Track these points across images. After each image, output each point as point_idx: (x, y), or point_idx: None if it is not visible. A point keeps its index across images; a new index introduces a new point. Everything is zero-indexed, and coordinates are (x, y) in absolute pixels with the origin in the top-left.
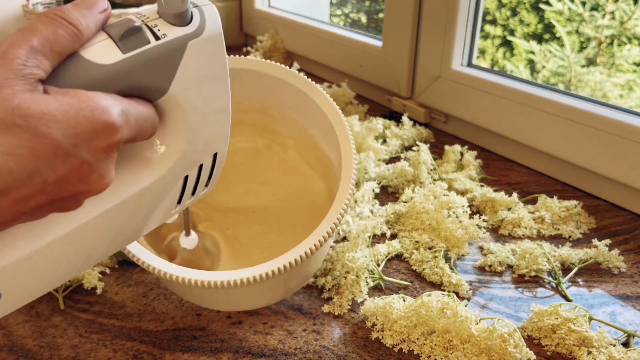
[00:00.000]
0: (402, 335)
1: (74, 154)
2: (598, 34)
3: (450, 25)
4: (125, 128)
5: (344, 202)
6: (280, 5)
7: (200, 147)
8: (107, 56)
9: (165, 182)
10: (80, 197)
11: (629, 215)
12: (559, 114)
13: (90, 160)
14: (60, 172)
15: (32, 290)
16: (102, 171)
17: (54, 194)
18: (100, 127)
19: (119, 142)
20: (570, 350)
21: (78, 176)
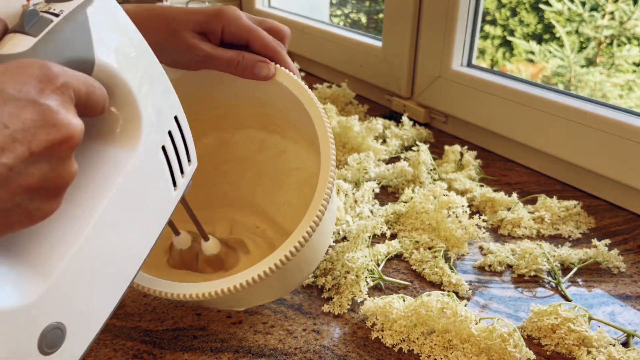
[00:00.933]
0: (402, 335)
1: (24, 98)
2: (598, 34)
3: (450, 25)
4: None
5: (321, 199)
6: (280, 5)
7: (156, 111)
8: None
9: (146, 155)
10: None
11: (629, 215)
12: (559, 114)
13: (47, 103)
14: (21, 116)
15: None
16: (65, 114)
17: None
18: (38, 73)
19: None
20: (569, 350)
21: (42, 120)
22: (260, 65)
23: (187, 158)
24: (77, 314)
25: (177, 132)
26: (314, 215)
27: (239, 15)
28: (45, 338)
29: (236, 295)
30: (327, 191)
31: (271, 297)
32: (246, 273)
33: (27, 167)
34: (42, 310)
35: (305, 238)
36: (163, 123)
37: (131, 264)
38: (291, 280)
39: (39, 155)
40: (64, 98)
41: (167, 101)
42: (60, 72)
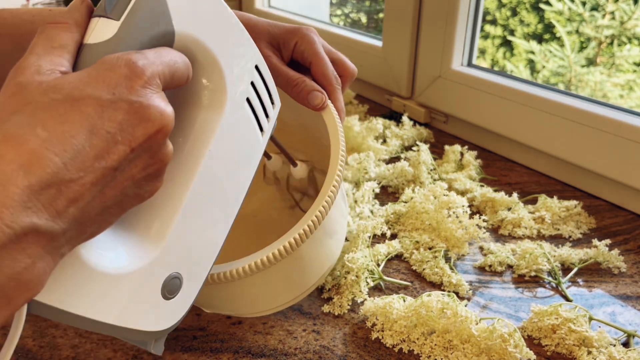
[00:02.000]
0: (402, 335)
1: (117, 99)
2: (598, 34)
3: (450, 25)
4: (150, 65)
5: (327, 193)
6: (280, 5)
7: (238, 66)
8: (107, 31)
9: (233, 112)
10: (156, 137)
11: (629, 215)
12: (559, 114)
13: (137, 99)
14: (118, 119)
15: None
16: (156, 105)
17: (128, 141)
18: (125, 71)
19: (151, 77)
20: (570, 350)
21: (137, 117)
22: (315, 94)
23: (271, 101)
24: (190, 263)
25: (260, 81)
26: (319, 206)
27: (313, 39)
28: (166, 286)
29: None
30: (334, 183)
31: (272, 302)
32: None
33: (130, 163)
34: (157, 269)
35: (306, 231)
36: (245, 76)
37: (231, 208)
38: (294, 280)
39: (138, 149)
40: (152, 89)
41: (247, 53)
42: (145, 64)
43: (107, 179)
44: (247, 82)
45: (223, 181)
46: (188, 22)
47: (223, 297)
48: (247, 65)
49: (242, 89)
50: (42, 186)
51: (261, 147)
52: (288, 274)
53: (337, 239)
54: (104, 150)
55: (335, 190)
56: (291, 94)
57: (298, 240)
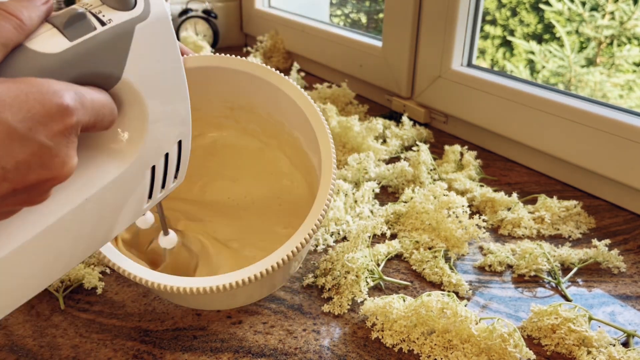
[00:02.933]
0: (402, 335)
1: (30, 138)
2: (598, 34)
3: (450, 25)
4: (80, 111)
5: (322, 206)
6: (280, 5)
7: (163, 135)
8: (54, 45)
9: (132, 174)
10: (45, 185)
11: (629, 215)
12: (559, 114)
13: (50, 145)
14: (19, 158)
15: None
16: (64, 155)
17: (16, 182)
18: (54, 110)
19: (75, 126)
20: (570, 350)
21: (39, 162)
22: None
23: (175, 175)
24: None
25: (175, 156)
26: (314, 219)
27: None
28: None
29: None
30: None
31: (255, 297)
32: (253, 268)
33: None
34: None
35: (303, 243)
36: (163, 147)
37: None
38: (279, 280)
39: (21, 190)
40: (69, 138)
41: (178, 126)
42: (76, 109)
43: None
44: (162, 152)
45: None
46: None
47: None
48: (172, 136)
49: (154, 156)
50: None
51: (139, 214)
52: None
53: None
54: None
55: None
56: None
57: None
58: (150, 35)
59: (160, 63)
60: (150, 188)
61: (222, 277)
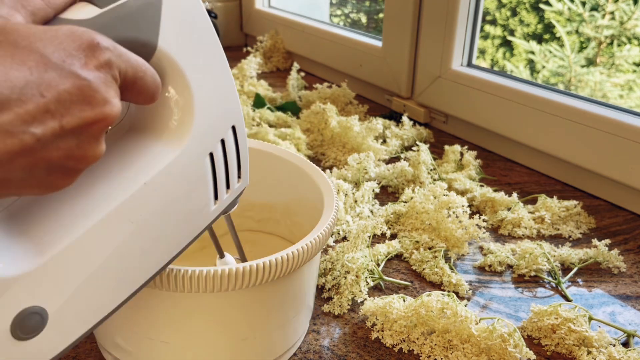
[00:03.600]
0: (402, 335)
1: (66, 69)
2: (598, 34)
3: (450, 25)
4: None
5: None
6: (280, 5)
7: (213, 115)
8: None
9: (189, 158)
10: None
11: (629, 215)
12: (559, 114)
13: (87, 78)
14: (59, 88)
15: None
16: (104, 92)
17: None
18: (86, 45)
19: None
20: (570, 350)
21: (79, 95)
22: None
23: (238, 174)
24: (64, 304)
25: (232, 143)
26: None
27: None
28: (20, 320)
29: None
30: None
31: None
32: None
33: (54, 141)
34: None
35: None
36: (217, 129)
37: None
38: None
39: (69, 131)
40: (106, 76)
41: (226, 108)
42: (108, 47)
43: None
44: (218, 137)
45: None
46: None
47: None
48: (224, 119)
49: (209, 140)
50: None
51: (209, 217)
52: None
53: None
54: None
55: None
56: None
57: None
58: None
59: (195, 32)
60: (214, 184)
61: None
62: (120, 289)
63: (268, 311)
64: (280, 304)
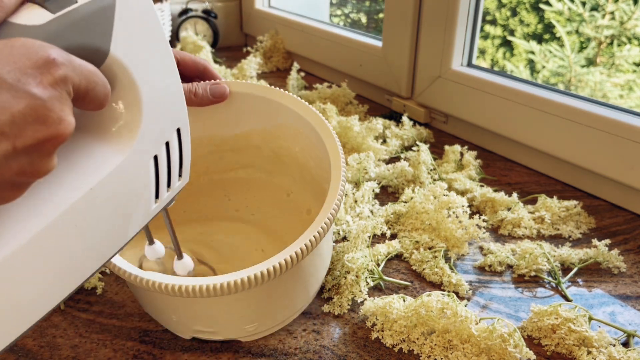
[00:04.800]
0: (402, 335)
1: (20, 89)
2: (598, 34)
3: (450, 25)
4: (68, 67)
5: (326, 217)
6: (280, 5)
7: (160, 119)
8: (37, 18)
9: (135, 161)
10: (46, 145)
11: (629, 215)
12: (559, 114)
13: (42, 97)
14: (13, 109)
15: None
16: (58, 111)
17: (14, 137)
18: (41, 62)
19: (64, 79)
20: (570, 350)
21: (34, 115)
22: (214, 87)
23: (179, 173)
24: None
25: (176, 145)
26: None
27: None
28: None
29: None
30: (333, 208)
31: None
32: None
33: (6, 161)
34: None
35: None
36: (163, 133)
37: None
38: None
39: (22, 150)
40: (61, 93)
41: (173, 112)
42: (64, 62)
43: None
44: (163, 139)
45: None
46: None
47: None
48: (170, 122)
49: (154, 143)
50: None
51: (149, 215)
52: (285, 290)
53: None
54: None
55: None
56: (195, 103)
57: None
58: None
59: (147, 39)
60: (156, 185)
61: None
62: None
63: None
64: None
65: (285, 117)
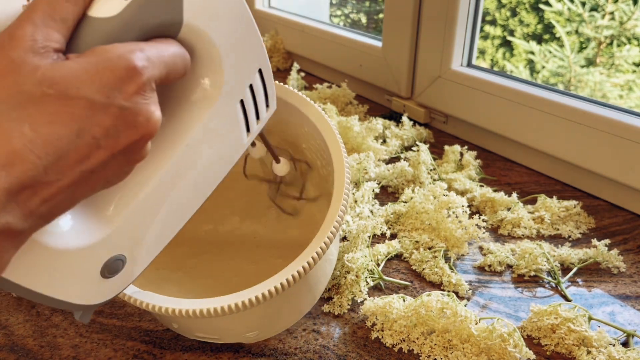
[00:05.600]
0: (402, 335)
1: (110, 104)
2: (598, 34)
3: (450, 25)
4: (149, 68)
5: (330, 228)
6: (280, 5)
7: (241, 68)
8: (112, 8)
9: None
10: (138, 143)
11: (629, 215)
12: (559, 114)
13: (129, 106)
14: (106, 124)
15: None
16: (145, 112)
17: (110, 147)
18: (124, 74)
19: (147, 82)
20: (569, 350)
21: (124, 124)
22: None
23: (266, 104)
24: (138, 248)
25: (260, 85)
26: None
27: None
28: (108, 266)
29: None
30: (339, 213)
31: (272, 328)
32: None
33: (106, 165)
34: (104, 248)
35: (310, 264)
36: (245, 78)
37: (195, 201)
38: (297, 305)
39: (118, 153)
40: (145, 95)
41: (252, 56)
42: (144, 67)
43: (82, 181)
44: (246, 85)
45: (194, 176)
46: (199, 16)
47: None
48: (251, 68)
49: (238, 91)
50: (21, 188)
51: (243, 147)
52: (292, 299)
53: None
54: (86, 155)
55: (340, 219)
56: None
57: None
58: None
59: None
60: (245, 121)
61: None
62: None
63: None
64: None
65: (289, 115)
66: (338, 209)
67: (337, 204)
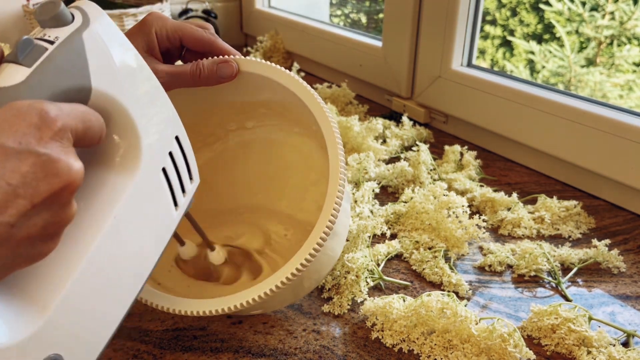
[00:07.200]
0: (402, 335)
1: (24, 150)
2: (598, 34)
3: (450, 25)
4: (62, 116)
5: (328, 217)
6: (280, 5)
7: (157, 133)
8: (16, 76)
9: (147, 180)
10: (62, 194)
11: (629, 215)
12: (559, 114)
13: (45, 152)
14: (22, 170)
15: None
16: (64, 160)
17: (30, 196)
18: (36, 120)
19: (63, 129)
20: (570, 350)
21: (42, 171)
22: (221, 67)
23: (189, 176)
24: (75, 344)
25: (179, 152)
26: (323, 227)
27: (162, 16)
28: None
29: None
30: (338, 194)
31: (281, 304)
32: (251, 291)
33: (29, 220)
34: (37, 344)
35: (316, 249)
36: (164, 145)
37: (131, 287)
38: (302, 288)
39: (40, 205)
40: (62, 142)
41: (167, 122)
42: (57, 114)
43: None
44: (165, 151)
45: (126, 253)
46: (107, 81)
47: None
48: (166, 133)
49: (158, 157)
50: None
51: (174, 223)
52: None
53: (341, 240)
54: (2, 204)
55: (339, 203)
56: (200, 83)
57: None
58: (100, 40)
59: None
60: (171, 194)
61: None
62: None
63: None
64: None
65: (290, 101)
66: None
67: (335, 181)
